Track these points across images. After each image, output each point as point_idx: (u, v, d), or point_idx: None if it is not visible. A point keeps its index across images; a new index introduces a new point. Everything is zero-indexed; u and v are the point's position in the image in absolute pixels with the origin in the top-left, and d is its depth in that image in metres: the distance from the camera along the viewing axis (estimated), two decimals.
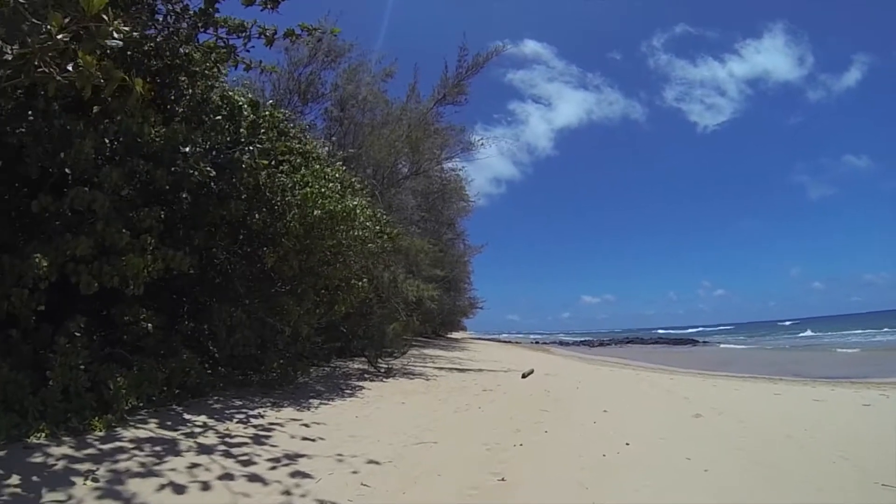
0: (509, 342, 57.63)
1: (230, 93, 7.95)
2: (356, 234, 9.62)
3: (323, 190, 8.79)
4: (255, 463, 4.32)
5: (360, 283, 10.87)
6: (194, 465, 4.11)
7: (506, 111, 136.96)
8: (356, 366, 13.06)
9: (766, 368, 18.90)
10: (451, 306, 32.97)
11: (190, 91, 6.99)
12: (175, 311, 7.87)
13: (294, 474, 4.12)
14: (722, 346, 39.72)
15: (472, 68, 17.45)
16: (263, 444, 4.96)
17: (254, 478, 3.97)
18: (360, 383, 10.21)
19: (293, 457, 4.59)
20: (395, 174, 21.41)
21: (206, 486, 3.73)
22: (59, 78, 3.00)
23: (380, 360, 13.49)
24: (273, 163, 8.29)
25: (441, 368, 14.97)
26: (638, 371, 17.50)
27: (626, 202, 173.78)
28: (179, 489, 3.62)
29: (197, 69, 6.91)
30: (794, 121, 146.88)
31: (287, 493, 3.73)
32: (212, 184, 7.50)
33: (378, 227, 11.15)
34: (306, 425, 5.95)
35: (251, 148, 7.57)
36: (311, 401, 7.69)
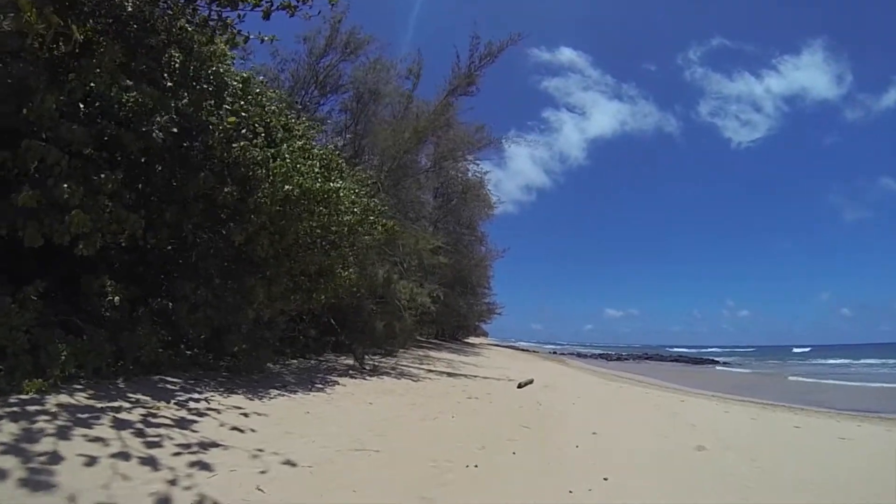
0: (527, 350, 56.43)
1: (224, 69, 7.54)
2: (340, 218, 9.13)
3: (298, 165, 8.24)
4: (161, 446, 4.05)
5: (345, 273, 10.18)
6: (97, 439, 3.91)
7: (540, 118, 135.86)
8: (347, 361, 12.37)
9: (787, 396, 17.46)
10: (465, 309, 31.96)
11: (178, 63, 6.69)
12: (151, 288, 7.65)
13: (194, 464, 3.81)
14: (741, 368, 37.75)
15: (484, 58, 16.54)
16: (185, 428, 4.68)
17: (148, 461, 3.69)
18: (340, 379, 9.64)
19: (207, 446, 4.29)
20: (406, 167, 20.71)
21: (91, 462, 3.49)
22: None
23: (367, 358, 12.73)
24: (249, 134, 7.82)
25: (436, 371, 14.12)
26: (648, 389, 16.29)
27: (655, 216, 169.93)
28: (56, 459, 3.40)
29: (194, 44, 6.63)
30: (830, 140, 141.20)
31: (172, 482, 3.42)
32: (183, 151, 7.32)
33: (372, 217, 10.50)
34: (245, 415, 5.61)
35: (221, 112, 7.25)
36: (270, 391, 7.26)
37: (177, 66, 6.70)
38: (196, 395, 6.03)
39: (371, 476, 4.13)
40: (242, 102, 7.82)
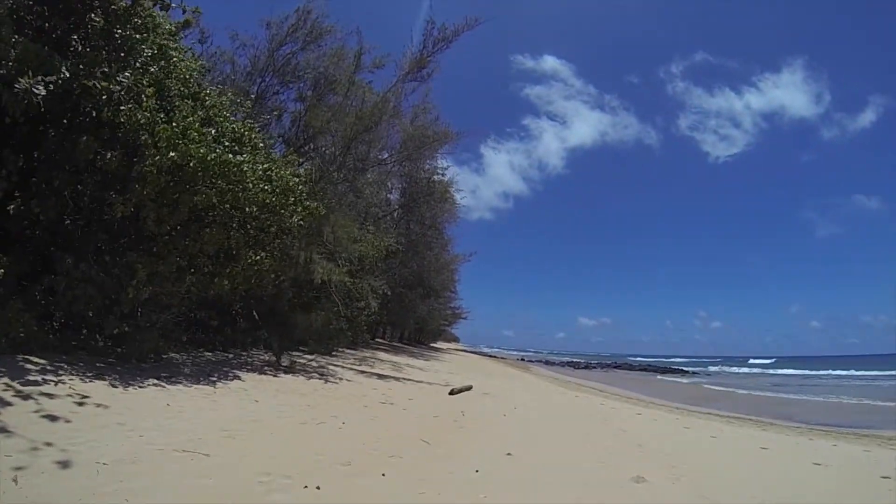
0: (495, 357, 54.98)
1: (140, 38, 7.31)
2: (247, 196, 8.19)
3: (189, 132, 7.32)
4: None
5: (255, 257, 8.87)
6: None
7: (519, 125, 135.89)
8: (267, 357, 10.76)
9: (755, 408, 16.23)
10: (425, 312, 30.32)
11: (95, 27, 6.60)
12: (41, 262, 7.00)
13: None
14: (708, 380, 36.74)
15: (438, 42, 15.02)
16: None
17: None
18: (245, 375, 8.56)
19: None
20: (366, 161, 19.34)
21: None
22: None
23: (287, 355, 11.10)
24: (144, 99, 7.08)
25: (368, 373, 12.55)
26: (606, 400, 14.85)
27: (631, 228, 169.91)
28: None
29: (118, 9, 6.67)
30: (806, 158, 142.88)
31: None
32: (71, 115, 6.91)
33: (293, 198, 9.13)
34: (81, 403, 4.92)
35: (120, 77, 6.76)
36: (148, 380, 6.46)
37: (91, 29, 6.53)
38: (51, 378, 5.40)
39: (167, 482, 3.39)
40: (153, 69, 7.47)
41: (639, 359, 78.18)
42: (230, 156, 7.86)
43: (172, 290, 8.15)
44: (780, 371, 46.55)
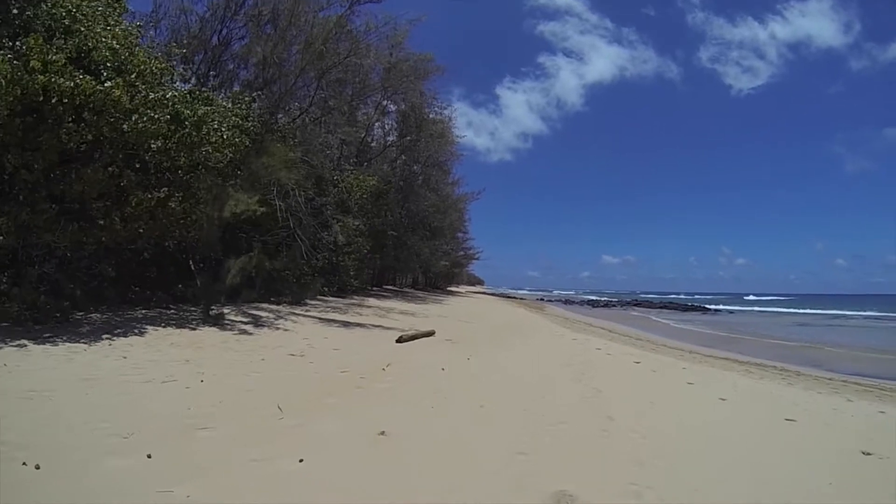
0: (512, 298, 53.35)
1: None
2: (137, 129, 7.09)
3: (32, 62, 6.30)
4: None
5: (152, 196, 7.60)
6: None
7: (535, 64, 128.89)
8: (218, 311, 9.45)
9: (778, 352, 14.06)
10: (428, 255, 28.41)
11: None
12: None
13: None
14: (728, 319, 34.34)
15: None
16: None
17: None
18: (155, 329, 7.62)
19: None
20: (328, 95, 17.49)
21: None
22: None
23: (216, 305, 9.40)
24: None
25: (322, 321, 10.95)
26: (610, 343, 12.82)
27: (654, 164, 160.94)
28: None
29: None
30: (834, 90, 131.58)
31: None
32: None
33: (205, 130, 7.91)
34: None
35: None
36: (21, 341, 5.78)
37: None
38: None
39: None
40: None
41: (661, 297, 75.58)
42: (96, 85, 6.66)
43: (52, 240, 7.14)
44: (803, 310, 43.66)
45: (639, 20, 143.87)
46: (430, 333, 9.88)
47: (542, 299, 59.98)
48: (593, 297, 67.48)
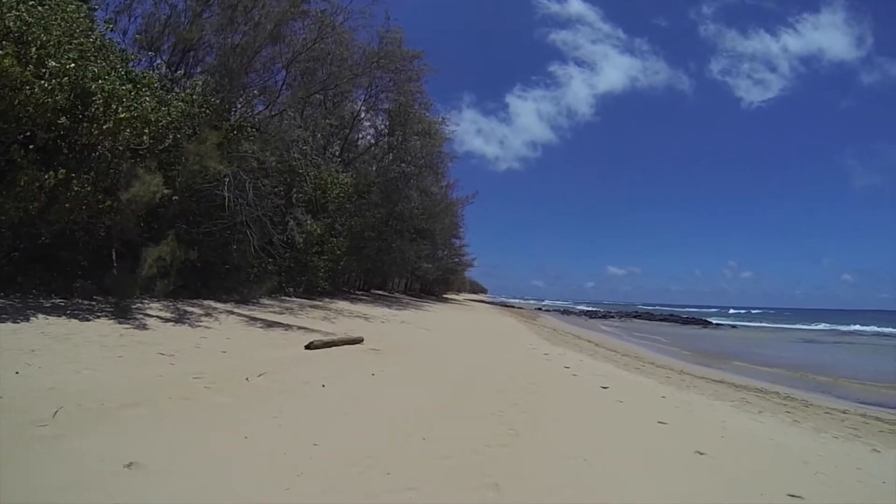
0: (509, 306, 51.34)
1: None
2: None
3: None
4: None
5: (45, 176, 6.77)
6: None
7: (545, 73, 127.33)
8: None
9: (780, 374, 12.08)
10: (414, 259, 26.66)
11: None
12: None
13: None
14: (729, 333, 32.16)
15: None
16: None
17: None
18: (46, 317, 6.58)
19: None
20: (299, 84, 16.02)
21: None
22: None
23: (131, 299, 8.03)
24: None
25: (252, 320, 9.48)
26: (587, 359, 10.95)
27: (663, 176, 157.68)
28: None
29: None
30: (845, 104, 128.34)
31: None
32: None
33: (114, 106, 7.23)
34: None
35: None
36: None
37: None
38: None
39: None
40: None
41: (663, 308, 73.03)
42: None
43: None
44: (810, 327, 41.25)
45: (651, 31, 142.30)
46: (357, 340, 8.16)
47: (539, 309, 57.86)
48: (591, 308, 65.15)
